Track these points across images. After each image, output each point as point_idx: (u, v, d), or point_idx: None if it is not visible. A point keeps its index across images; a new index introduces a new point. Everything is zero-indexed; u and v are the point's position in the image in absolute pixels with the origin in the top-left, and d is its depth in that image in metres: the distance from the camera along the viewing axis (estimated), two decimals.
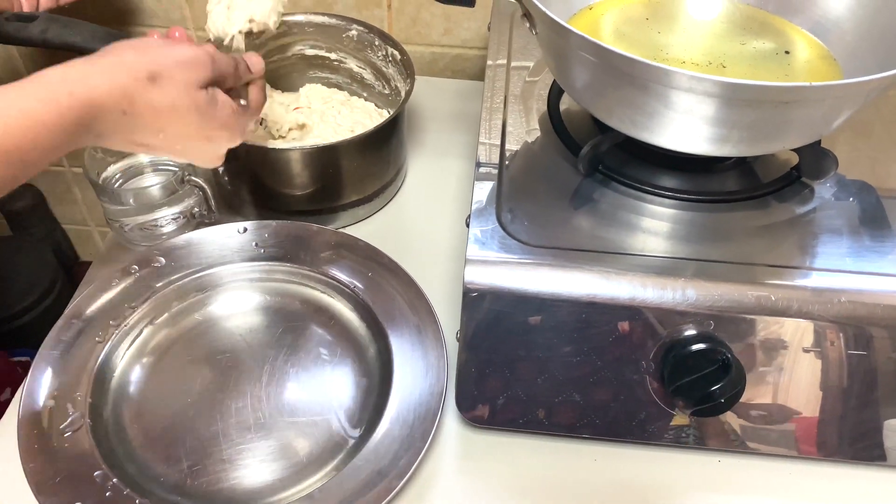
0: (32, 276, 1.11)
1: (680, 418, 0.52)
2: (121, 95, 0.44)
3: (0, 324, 1.06)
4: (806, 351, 0.49)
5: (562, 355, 0.50)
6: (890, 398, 0.49)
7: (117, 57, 0.45)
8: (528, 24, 0.53)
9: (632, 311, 0.48)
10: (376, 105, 0.76)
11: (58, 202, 1.17)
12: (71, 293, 1.13)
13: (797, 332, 0.48)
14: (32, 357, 0.55)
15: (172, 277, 0.60)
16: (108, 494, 0.48)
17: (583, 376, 0.51)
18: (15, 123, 0.39)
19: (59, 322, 0.57)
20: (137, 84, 0.45)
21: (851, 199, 0.55)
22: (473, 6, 0.56)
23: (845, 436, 0.51)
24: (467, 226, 0.52)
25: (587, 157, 0.54)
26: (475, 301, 0.49)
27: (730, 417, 0.51)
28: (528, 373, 0.51)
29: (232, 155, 0.65)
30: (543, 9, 0.47)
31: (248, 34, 0.61)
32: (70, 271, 1.21)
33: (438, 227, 0.70)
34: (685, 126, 0.48)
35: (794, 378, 0.49)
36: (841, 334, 0.48)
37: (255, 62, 0.56)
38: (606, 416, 0.52)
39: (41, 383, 0.53)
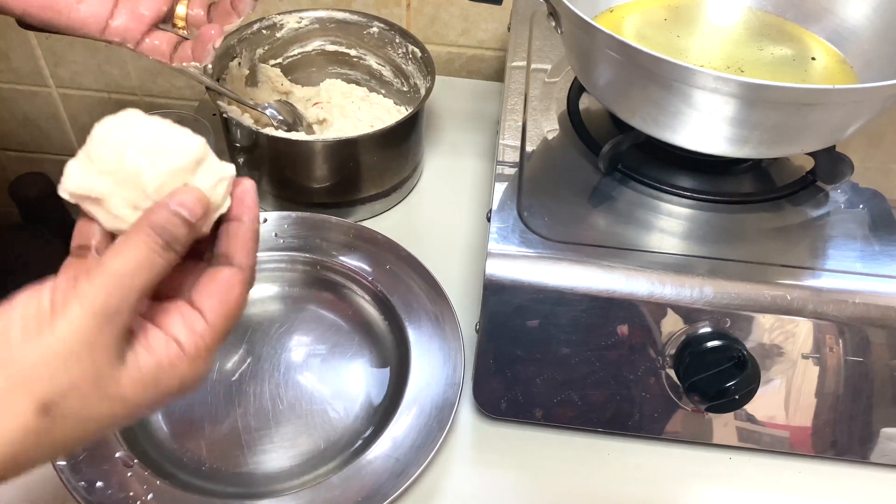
0: (43, 265, 1.11)
1: (694, 414, 0.52)
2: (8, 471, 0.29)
3: None
4: (819, 350, 0.50)
5: (579, 349, 0.51)
6: None
7: None
8: (553, 23, 0.54)
9: (649, 307, 0.49)
10: (395, 102, 0.77)
11: None
12: None
13: (812, 331, 0.49)
14: None
15: None
16: (129, 475, 0.48)
17: (599, 371, 0.52)
18: None
19: None
20: (23, 432, 0.29)
21: (862, 206, 0.56)
22: (500, 4, 0.57)
23: (857, 435, 0.52)
24: (488, 220, 0.53)
25: (608, 156, 0.55)
26: (495, 294, 0.50)
27: (743, 414, 0.52)
28: (546, 366, 0.52)
29: (252, 145, 0.67)
30: (571, 7, 0.47)
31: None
32: None
33: (454, 223, 0.71)
34: (707, 126, 0.48)
35: (809, 376, 0.50)
36: (855, 334, 0.49)
37: (189, 201, 0.32)
38: (621, 411, 0.53)
39: None
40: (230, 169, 0.35)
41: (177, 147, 0.33)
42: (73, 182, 0.33)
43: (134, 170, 0.32)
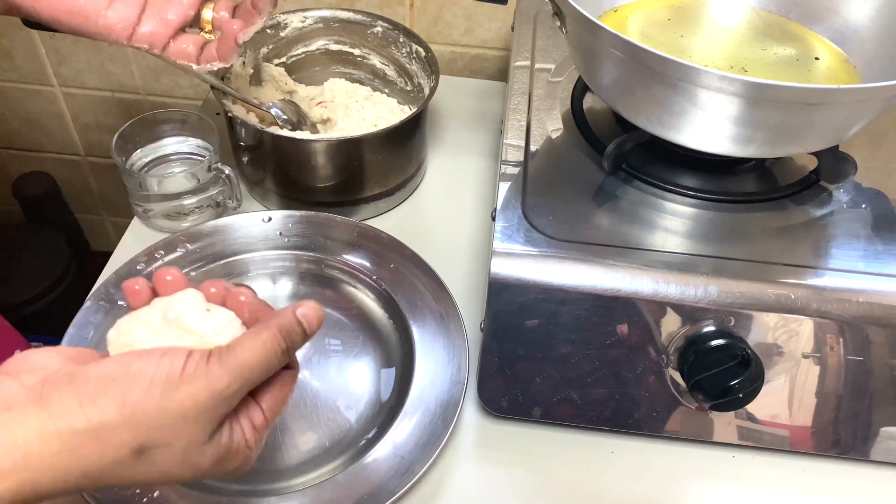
0: (45, 264, 1.12)
1: (697, 413, 0.53)
2: (86, 483, 0.33)
3: (12, 310, 1.07)
4: (822, 348, 0.50)
5: (583, 348, 0.51)
6: None
7: (85, 422, 0.32)
8: (557, 23, 0.54)
9: (654, 306, 0.49)
10: (398, 101, 0.77)
11: (72, 191, 1.18)
12: (83, 282, 1.14)
13: (815, 329, 0.49)
14: (45, 344, 0.55)
15: (199, 263, 0.61)
16: None
17: (602, 369, 0.52)
18: None
19: (87, 303, 0.58)
20: (116, 462, 0.33)
21: (864, 206, 0.56)
22: (506, 3, 0.57)
23: (860, 434, 0.52)
24: (493, 219, 0.53)
25: (612, 155, 0.55)
26: (500, 292, 0.50)
27: (746, 413, 0.52)
28: (550, 364, 0.52)
29: (257, 144, 0.67)
30: (576, 6, 0.48)
31: None
32: (82, 261, 1.22)
33: (458, 222, 0.71)
34: (711, 126, 0.49)
35: (812, 375, 0.50)
36: (857, 333, 0.49)
37: (312, 316, 0.38)
38: (625, 409, 0.53)
39: None
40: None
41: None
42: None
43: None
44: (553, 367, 0.52)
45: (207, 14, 0.52)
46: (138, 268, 0.61)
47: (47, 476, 0.31)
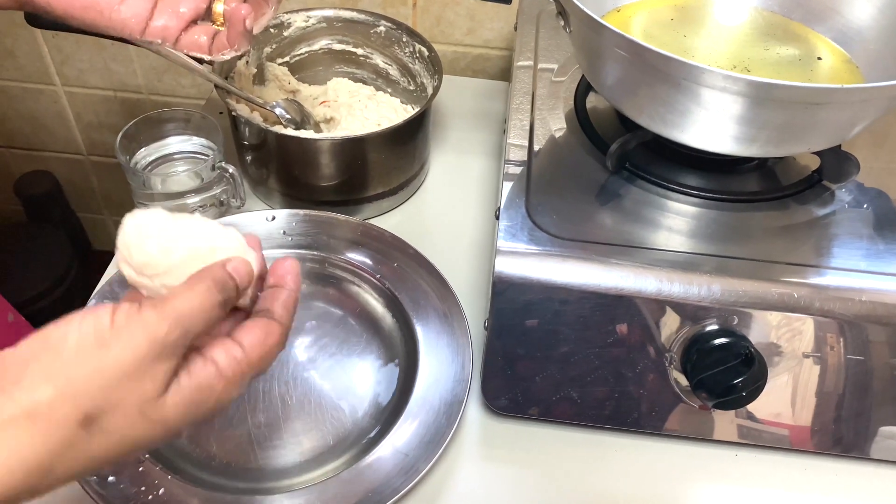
0: (47, 263, 1.12)
1: (700, 411, 0.53)
2: (38, 479, 0.29)
3: (14, 308, 1.07)
4: (824, 347, 0.50)
5: (587, 346, 0.51)
6: None
7: (13, 407, 0.29)
8: (561, 22, 0.54)
9: (657, 305, 0.50)
10: (401, 101, 0.77)
11: (74, 190, 1.18)
12: (85, 281, 1.15)
13: (817, 328, 0.49)
14: None
15: None
16: (140, 470, 0.49)
17: (605, 368, 0.52)
18: None
19: (92, 301, 0.58)
20: (64, 442, 0.29)
21: (866, 205, 0.57)
22: (510, 3, 0.57)
23: (862, 432, 0.52)
24: (497, 218, 0.54)
25: (615, 155, 0.55)
26: (504, 291, 0.50)
27: (749, 411, 0.53)
28: (554, 363, 0.52)
29: (260, 143, 0.67)
30: (581, 6, 0.48)
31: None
32: (84, 260, 1.22)
33: (460, 221, 0.71)
34: (715, 125, 0.49)
35: (814, 373, 0.51)
36: (860, 332, 0.49)
37: (241, 270, 0.36)
38: (628, 408, 0.53)
39: None
40: (256, 254, 0.39)
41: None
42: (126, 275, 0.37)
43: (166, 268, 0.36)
44: (556, 365, 0.52)
45: (219, 7, 0.52)
46: None
47: None
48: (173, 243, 0.36)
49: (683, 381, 0.51)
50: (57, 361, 0.30)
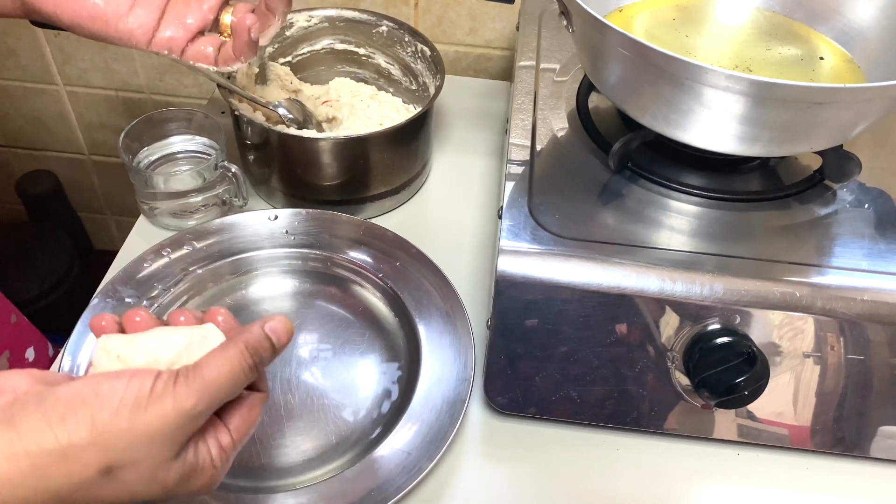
0: (49, 263, 1.12)
1: (702, 410, 0.53)
2: (53, 499, 0.33)
3: (16, 308, 1.07)
4: (826, 346, 0.50)
5: (589, 345, 0.51)
6: None
7: (54, 442, 0.32)
8: (564, 22, 0.54)
9: (660, 304, 0.50)
10: (403, 100, 0.77)
11: (76, 190, 1.18)
12: (86, 281, 1.15)
13: (819, 327, 0.49)
14: (58, 340, 0.56)
15: (206, 261, 0.62)
16: None
17: (607, 367, 0.52)
18: None
19: (95, 300, 0.58)
20: (83, 483, 0.33)
21: (868, 205, 0.57)
22: (513, 3, 0.57)
23: (864, 431, 0.52)
24: (499, 217, 0.54)
25: (617, 154, 0.55)
26: (507, 290, 0.50)
27: (750, 410, 0.53)
28: (556, 362, 0.52)
29: (263, 143, 0.67)
30: (584, 5, 0.48)
31: None
32: (85, 259, 1.22)
33: (463, 221, 0.71)
34: (717, 125, 0.49)
35: (815, 372, 0.51)
36: (862, 331, 0.49)
37: (280, 330, 0.38)
38: (630, 407, 0.53)
39: (76, 358, 0.54)
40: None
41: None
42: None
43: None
44: (559, 364, 0.52)
45: (227, 19, 0.52)
46: (145, 265, 0.61)
47: (15, 496, 0.31)
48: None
49: (685, 380, 0.51)
50: (100, 413, 0.33)
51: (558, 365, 0.52)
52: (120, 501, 0.34)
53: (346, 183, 0.67)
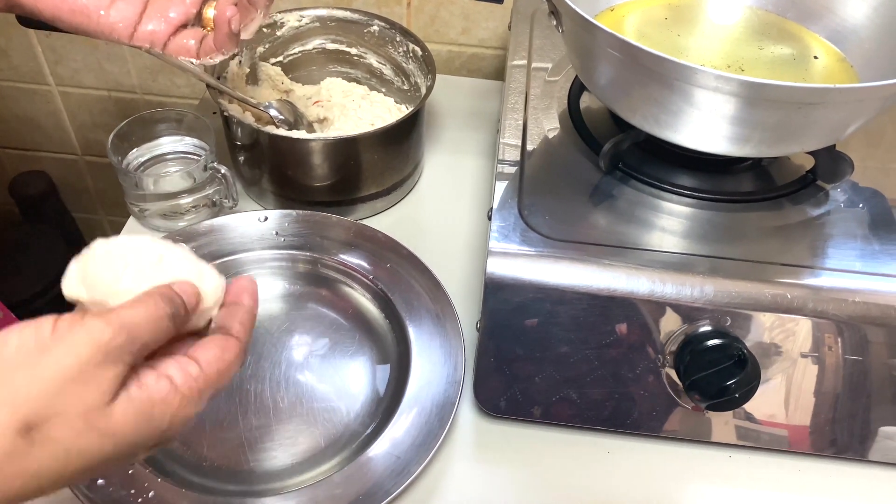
0: (42, 263, 1.11)
1: (694, 413, 0.53)
2: None
3: (9, 309, 1.07)
4: (819, 348, 0.50)
5: (579, 348, 0.51)
6: None
7: None
8: (554, 22, 0.54)
9: (650, 306, 0.49)
10: (395, 100, 0.77)
11: (69, 190, 1.18)
12: None
13: (811, 329, 0.49)
14: None
15: None
16: (130, 472, 0.49)
17: (599, 369, 0.52)
18: None
19: None
20: (4, 455, 0.28)
21: (861, 205, 0.56)
22: (502, 3, 0.57)
23: (857, 433, 0.52)
24: (489, 219, 0.53)
25: (608, 155, 0.55)
26: (496, 292, 0.50)
27: (743, 412, 0.52)
28: (546, 364, 0.52)
29: (253, 144, 0.67)
30: (573, 5, 0.48)
31: None
32: None
33: (454, 222, 0.71)
34: (708, 125, 0.49)
35: (808, 375, 0.50)
36: (854, 333, 0.49)
37: (189, 291, 0.35)
38: (621, 409, 0.53)
39: None
40: (221, 279, 0.38)
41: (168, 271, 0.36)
42: (67, 287, 0.37)
43: (117, 290, 0.35)
44: (549, 366, 0.52)
45: (210, 13, 0.52)
46: None
47: None
48: (131, 271, 0.35)
49: (677, 382, 0.51)
50: None
51: (549, 367, 0.52)
52: (67, 470, 0.29)
53: (336, 184, 0.67)
